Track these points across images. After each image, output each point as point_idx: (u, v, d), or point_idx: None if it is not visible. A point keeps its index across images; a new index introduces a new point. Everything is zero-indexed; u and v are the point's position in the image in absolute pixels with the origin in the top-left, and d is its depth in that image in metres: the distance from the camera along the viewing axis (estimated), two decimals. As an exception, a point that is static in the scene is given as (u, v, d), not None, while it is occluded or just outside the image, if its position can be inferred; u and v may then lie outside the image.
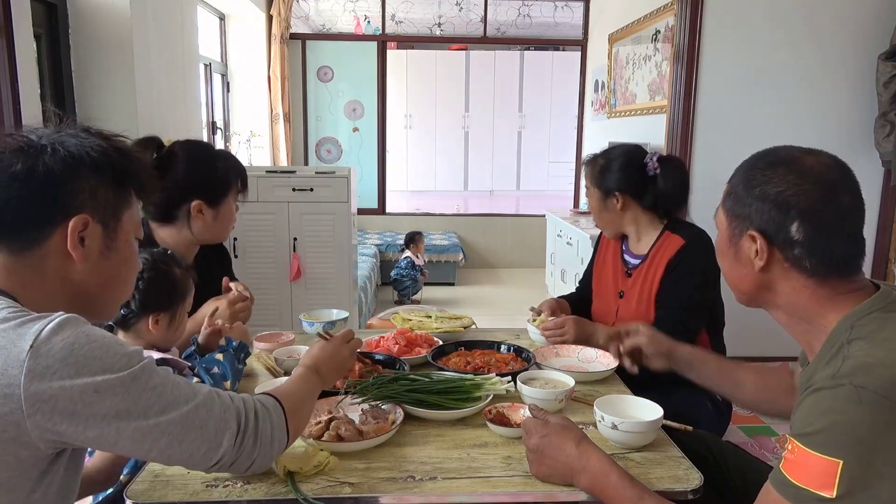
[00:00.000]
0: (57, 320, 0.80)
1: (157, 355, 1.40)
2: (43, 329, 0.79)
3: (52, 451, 0.83)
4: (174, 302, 1.48)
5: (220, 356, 1.52)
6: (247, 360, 1.61)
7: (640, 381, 1.58)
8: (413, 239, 5.50)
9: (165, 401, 0.85)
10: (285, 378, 1.47)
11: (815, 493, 0.83)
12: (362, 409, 1.33)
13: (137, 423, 0.82)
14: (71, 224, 0.88)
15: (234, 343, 1.61)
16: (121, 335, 1.43)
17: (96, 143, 0.92)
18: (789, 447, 0.88)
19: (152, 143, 1.79)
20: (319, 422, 1.27)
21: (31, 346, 0.77)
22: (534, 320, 1.87)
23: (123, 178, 0.95)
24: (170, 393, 0.86)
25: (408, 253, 5.43)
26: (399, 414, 1.33)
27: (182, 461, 0.89)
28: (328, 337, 1.34)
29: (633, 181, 1.88)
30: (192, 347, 1.57)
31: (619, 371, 1.60)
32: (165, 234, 1.82)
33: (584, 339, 1.76)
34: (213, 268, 1.95)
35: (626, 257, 1.99)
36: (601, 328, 1.80)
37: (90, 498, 1.43)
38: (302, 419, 1.09)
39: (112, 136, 0.96)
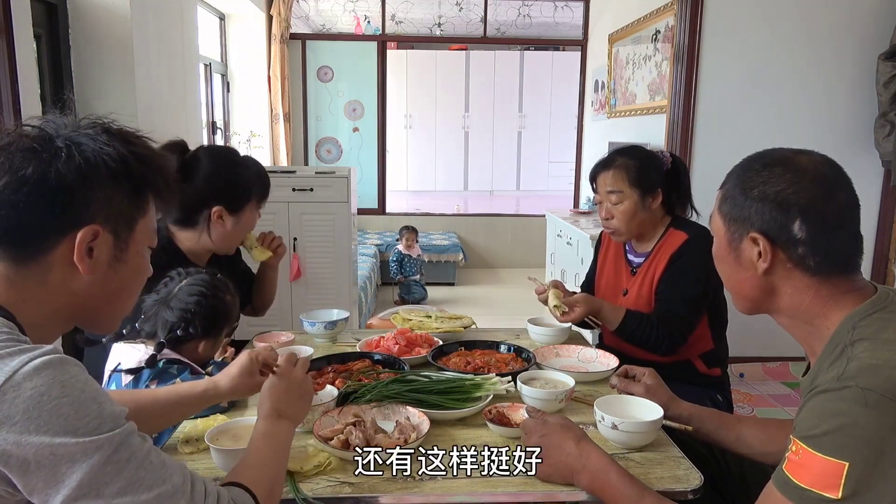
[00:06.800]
0: (40, 360, 0.72)
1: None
2: (20, 368, 0.71)
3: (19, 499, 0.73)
4: (223, 329, 1.54)
5: (210, 367, 1.55)
6: None
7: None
8: (399, 232, 5.58)
9: (125, 481, 0.74)
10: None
11: (820, 495, 0.83)
12: (397, 421, 1.29)
13: (87, 501, 0.72)
14: (79, 235, 0.83)
15: None
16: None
17: (115, 151, 0.85)
18: (793, 448, 0.88)
19: (177, 147, 1.78)
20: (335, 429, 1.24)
21: (0, 387, 0.70)
22: (548, 289, 1.89)
23: (141, 186, 0.89)
24: (134, 473, 0.75)
25: (398, 247, 5.46)
26: (424, 426, 1.27)
27: None
28: (274, 370, 1.16)
29: (661, 178, 1.91)
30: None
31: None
32: (184, 238, 1.81)
33: (594, 313, 1.84)
34: (223, 266, 1.95)
35: (630, 257, 2.00)
36: (607, 303, 1.87)
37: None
38: (277, 488, 0.99)
39: (134, 140, 0.90)
